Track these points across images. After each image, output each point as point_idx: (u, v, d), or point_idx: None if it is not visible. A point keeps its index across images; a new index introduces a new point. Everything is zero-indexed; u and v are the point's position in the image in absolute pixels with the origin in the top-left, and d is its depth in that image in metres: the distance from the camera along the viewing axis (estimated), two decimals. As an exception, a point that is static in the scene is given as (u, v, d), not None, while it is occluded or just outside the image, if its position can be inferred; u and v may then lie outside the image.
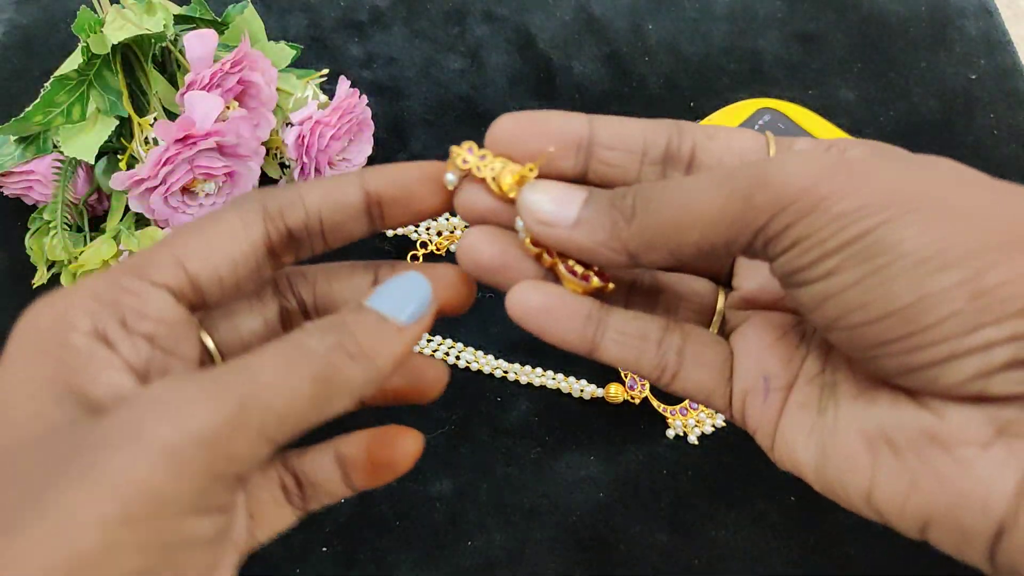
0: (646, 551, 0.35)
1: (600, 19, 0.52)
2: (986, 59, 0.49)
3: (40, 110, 0.37)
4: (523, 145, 0.21)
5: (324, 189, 0.21)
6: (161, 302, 0.18)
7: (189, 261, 0.19)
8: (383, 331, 0.19)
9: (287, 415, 0.16)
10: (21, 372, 0.17)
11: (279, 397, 0.16)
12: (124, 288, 0.18)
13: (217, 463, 0.15)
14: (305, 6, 0.52)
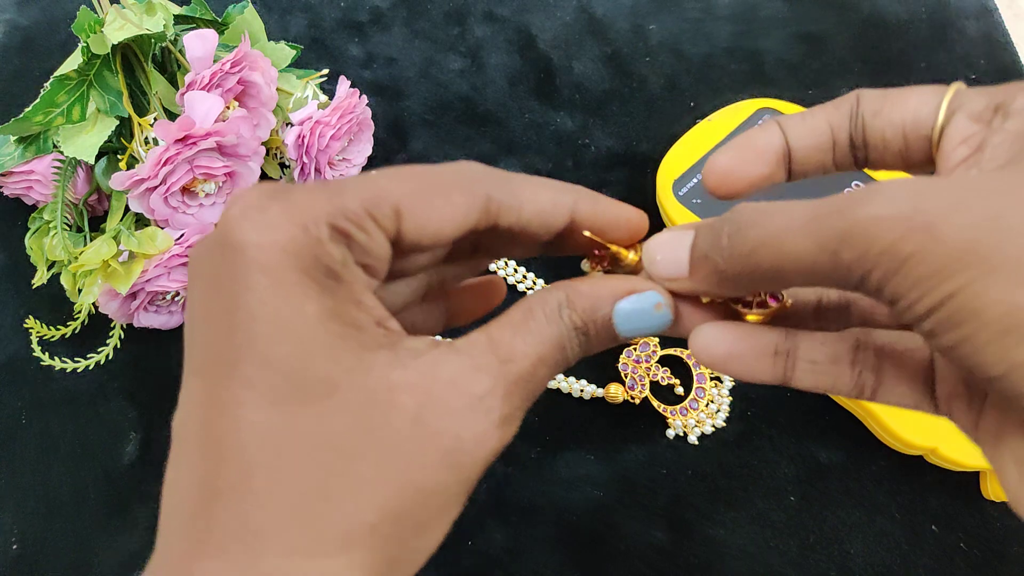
0: (645, 550, 0.35)
1: (601, 19, 0.52)
2: (986, 59, 0.49)
3: (40, 110, 0.37)
4: (742, 174, 0.22)
5: (538, 201, 0.21)
6: (383, 246, 0.19)
7: (406, 221, 0.19)
8: (605, 331, 0.21)
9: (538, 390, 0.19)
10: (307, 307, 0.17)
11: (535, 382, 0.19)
12: (354, 223, 0.18)
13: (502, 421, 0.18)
14: (305, 6, 0.52)
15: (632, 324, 0.21)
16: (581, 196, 0.22)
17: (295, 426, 0.16)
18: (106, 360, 0.39)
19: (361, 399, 0.17)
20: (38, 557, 0.35)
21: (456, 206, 0.20)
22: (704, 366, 0.22)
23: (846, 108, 0.22)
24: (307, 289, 0.17)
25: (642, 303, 0.21)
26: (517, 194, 0.21)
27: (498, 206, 0.20)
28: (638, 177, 0.45)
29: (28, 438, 0.38)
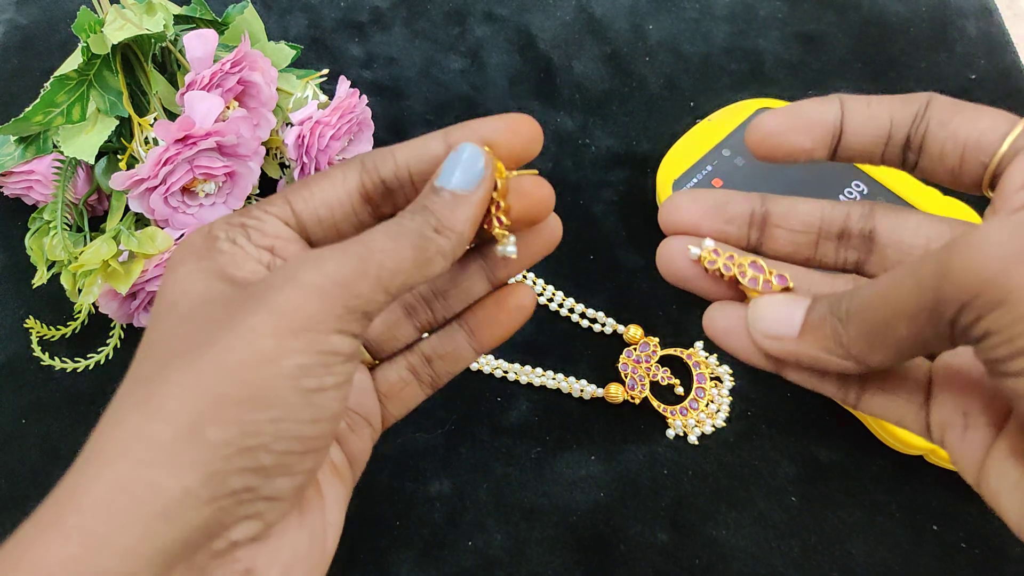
0: (646, 551, 0.35)
1: (600, 19, 0.52)
2: (986, 59, 0.49)
3: (40, 110, 0.37)
4: (787, 141, 0.23)
5: (412, 145, 0.24)
6: (275, 224, 0.23)
7: (295, 202, 0.23)
8: (455, 204, 0.23)
9: (396, 271, 0.21)
10: (184, 268, 0.22)
11: (388, 258, 0.21)
12: (249, 216, 0.23)
13: (349, 299, 0.20)
14: (305, 6, 0.52)
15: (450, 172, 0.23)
16: (452, 127, 0.25)
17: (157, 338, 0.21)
18: (106, 360, 0.39)
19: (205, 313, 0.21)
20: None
21: (333, 177, 0.24)
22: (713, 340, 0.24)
23: (913, 108, 0.22)
24: (186, 259, 0.22)
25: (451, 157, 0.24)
26: (389, 149, 0.24)
27: (373, 162, 0.24)
28: (638, 177, 0.45)
29: (28, 438, 0.38)
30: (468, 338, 0.27)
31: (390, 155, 0.24)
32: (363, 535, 0.34)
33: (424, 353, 0.27)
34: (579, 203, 0.44)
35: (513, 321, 0.27)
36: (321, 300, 0.20)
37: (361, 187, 0.24)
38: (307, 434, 0.20)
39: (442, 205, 0.22)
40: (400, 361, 0.27)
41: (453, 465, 0.37)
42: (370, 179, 0.24)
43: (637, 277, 0.42)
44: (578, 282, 0.42)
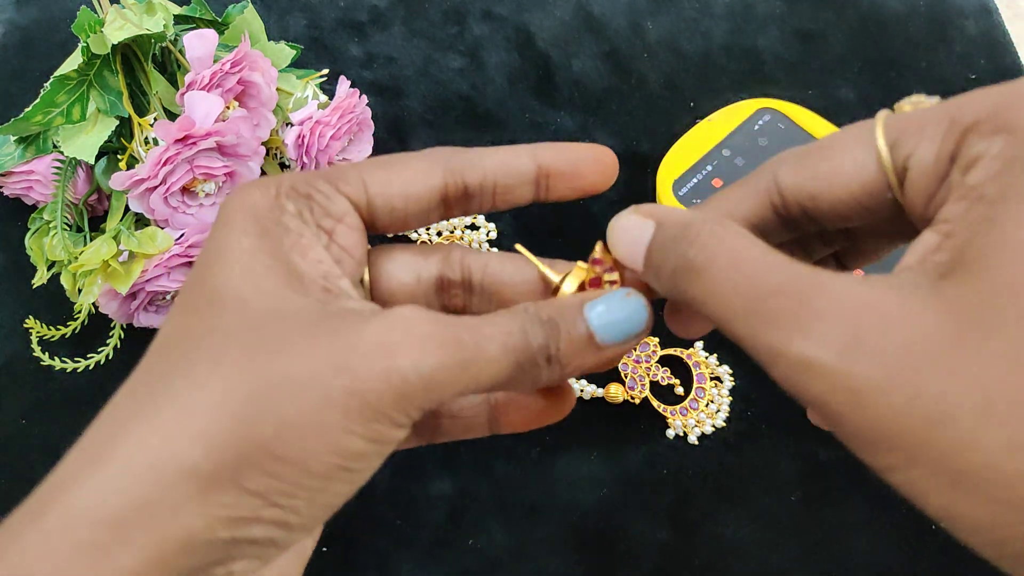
0: (647, 549, 0.35)
1: (599, 18, 0.52)
2: (986, 59, 0.50)
3: (40, 110, 0.37)
4: None
5: (502, 156, 0.23)
6: (343, 205, 0.21)
7: (372, 185, 0.21)
8: (586, 350, 0.21)
9: (489, 376, 0.19)
10: (248, 242, 0.20)
11: (488, 369, 0.19)
12: (316, 188, 0.21)
13: (431, 395, 0.18)
14: (305, 6, 0.52)
15: (606, 320, 0.21)
16: (541, 145, 0.23)
17: (176, 327, 0.19)
18: (106, 360, 0.39)
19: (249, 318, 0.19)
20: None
21: (416, 169, 0.22)
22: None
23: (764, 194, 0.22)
24: (248, 229, 0.20)
25: (611, 298, 0.21)
26: (477, 153, 0.23)
27: (460, 164, 0.22)
28: (638, 177, 0.45)
29: (28, 438, 0.38)
30: (489, 414, 0.25)
31: (478, 162, 0.23)
32: (364, 535, 0.34)
33: (438, 409, 0.25)
34: (579, 203, 0.44)
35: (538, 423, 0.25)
36: (404, 393, 0.18)
37: (442, 185, 0.22)
38: (334, 504, 0.19)
39: (574, 342, 0.20)
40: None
41: (454, 464, 0.37)
42: (453, 181, 0.22)
43: (637, 277, 0.42)
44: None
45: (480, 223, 0.43)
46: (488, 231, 0.43)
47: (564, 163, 0.24)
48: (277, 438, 0.17)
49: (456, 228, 0.43)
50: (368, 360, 0.18)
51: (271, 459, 0.17)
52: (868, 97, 0.48)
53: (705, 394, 0.38)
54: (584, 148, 0.24)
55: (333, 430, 0.18)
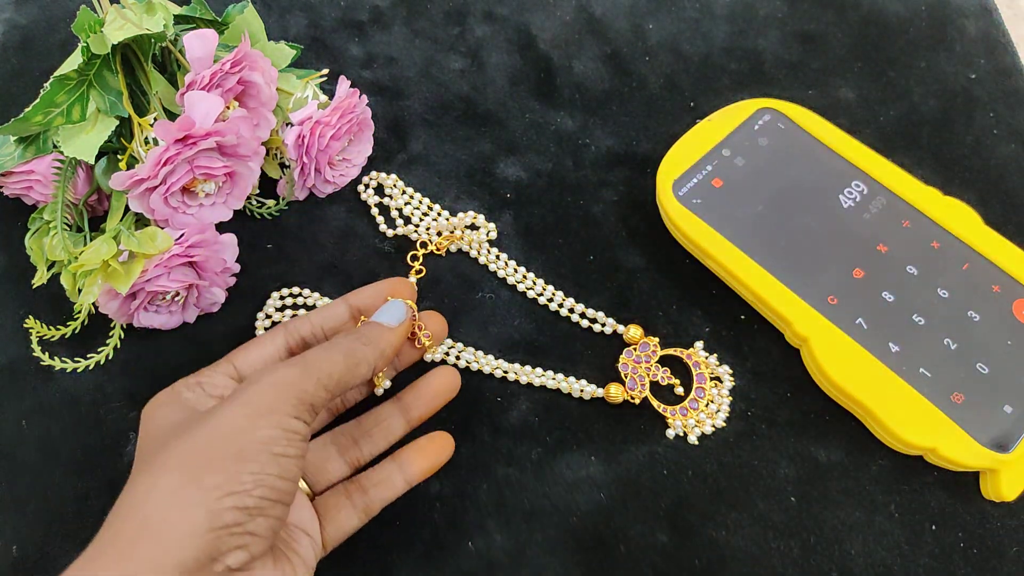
0: (646, 551, 0.35)
1: (600, 19, 0.52)
2: (986, 59, 0.50)
3: (40, 110, 0.37)
4: None
5: (323, 311, 0.34)
6: (223, 379, 0.31)
7: (236, 361, 0.32)
8: (382, 330, 0.32)
9: (331, 372, 0.29)
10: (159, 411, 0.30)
11: (324, 363, 0.29)
12: (201, 376, 0.31)
13: (298, 393, 0.28)
14: (305, 6, 0.52)
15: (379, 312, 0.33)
16: (352, 293, 0.35)
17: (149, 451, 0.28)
18: (106, 360, 0.39)
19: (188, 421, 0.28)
20: (37, 561, 0.35)
21: (264, 340, 0.33)
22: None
23: None
24: (160, 407, 0.30)
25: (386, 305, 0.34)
26: (306, 315, 0.34)
27: (294, 324, 0.34)
28: (638, 177, 0.45)
29: (28, 439, 0.38)
30: (399, 469, 0.34)
31: (307, 319, 0.34)
32: (363, 536, 0.34)
33: (361, 483, 0.33)
34: (579, 203, 0.44)
35: (440, 456, 0.35)
36: (278, 393, 0.27)
37: (286, 345, 0.33)
38: (276, 486, 0.26)
39: (370, 328, 0.32)
40: (339, 490, 0.33)
41: (453, 466, 0.37)
42: (292, 338, 0.33)
43: (637, 277, 0.42)
44: (578, 282, 0.42)
45: (480, 223, 0.43)
46: (488, 231, 0.43)
47: (371, 300, 0.35)
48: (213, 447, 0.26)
49: (456, 228, 0.43)
50: (248, 389, 0.27)
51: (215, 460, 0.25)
52: (868, 97, 0.48)
53: (705, 394, 0.38)
54: (384, 285, 0.36)
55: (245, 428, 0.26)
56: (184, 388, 0.31)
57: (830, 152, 0.42)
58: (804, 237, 0.40)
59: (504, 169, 0.46)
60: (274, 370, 0.28)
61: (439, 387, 0.36)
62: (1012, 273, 0.38)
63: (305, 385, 0.28)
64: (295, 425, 0.27)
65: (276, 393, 0.27)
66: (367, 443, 0.35)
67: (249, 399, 0.27)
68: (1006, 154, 0.46)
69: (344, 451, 0.34)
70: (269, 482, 0.26)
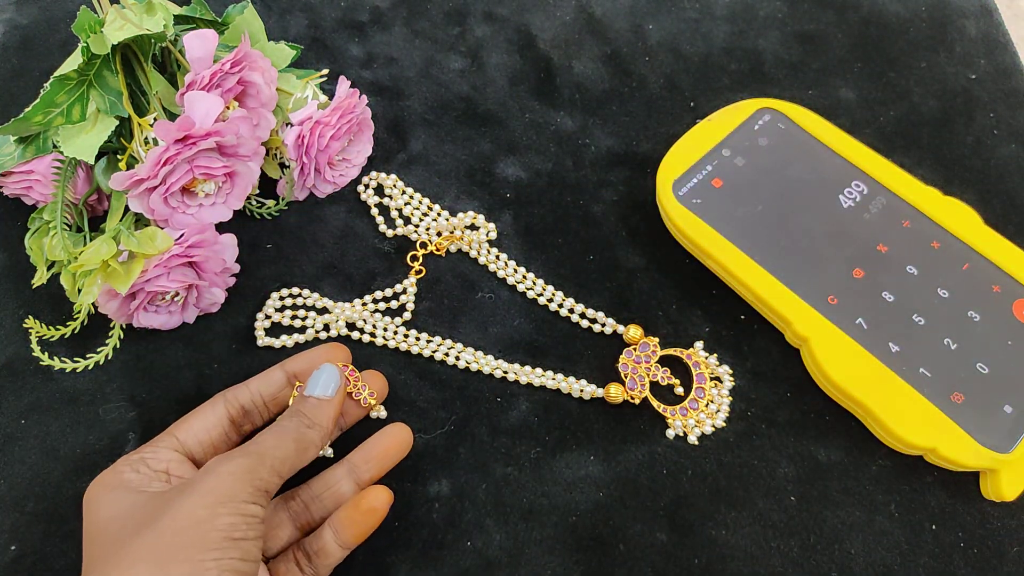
0: (646, 551, 0.35)
1: (600, 19, 0.52)
2: (986, 59, 0.49)
3: (40, 110, 0.37)
4: None
5: (261, 378, 0.35)
6: (166, 452, 0.32)
7: (178, 434, 0.33)
8: (319, 406, 0.33)
9: (284, 459, 0.30)
10: (105, 497, 0.30)
11: (278, 451, 0.30)
12: (143, 451, 0.32)
13: (254, 480, 0.29)
14: (305, 6, 0.52)
15: (312, 382, 0.34)
16: (288, 360, 0.36)
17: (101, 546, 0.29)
18: (105, 360, 0.39)
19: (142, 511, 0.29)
20: (36, 560, 0.35)
21: (204, 410, 0.34)
22: None
23: None
24: (104, 490, 0.30)
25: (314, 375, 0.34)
26: (244, 383, 0.35)
27: (233, 394, 0.35)
28: (638, 177, 0.45)
29: (27, 438, 0.38)
30: (334, 536, 0.33)
31: (245, 387, 0.35)
32: (363, 535, 0.34)
33: (305, 549, 0.33)
34: (579, 203, 0.44)
35: (368, 521, 0.33)
36: (235, 481, 0.28)
37: (227, 414, 0.34)
38: (239, 568, 0.27)
39: (310, 408, 0.33)
40: (289, 555, 0.33)
41: (452, 465, 0.37)
42: (232, 407, 0.34)
43: (637, 277, 0.42)
44: (578, 282, 0.42)
45: (480, 223, 0.43)
46: (488, 231, 0.43)
47: (307, 366, 0.35)
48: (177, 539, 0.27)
49: (456, 228, 0.43)
50: (206, 480, 0.28)
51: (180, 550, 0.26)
52: (868, 97, 0.48)
53: (705, 394, 0.38)
54: (319, 352, 0.36)
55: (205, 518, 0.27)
56: (127, 467, 0.31)
57: (830, 152, 0.42)
58: (804, 237, 0.40)
59: (504, 169, 0.46)
60: (229, 458, 0.29)
61: (390, 447, 0.35)
62: (1012, 273, 0.38)
63: (260, 473, 0.29)
64: (252, 510, 0.28)
65: (233, 481, 0.28)
66: (317, 507, 0.34)
67: (208, 488, 0.28)
68: (1006, 154, 0.46)
69: (296, 517, 0.34)
70: (232, 566, 0.27)
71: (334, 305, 0.41)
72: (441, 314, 0.41)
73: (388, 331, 0.40)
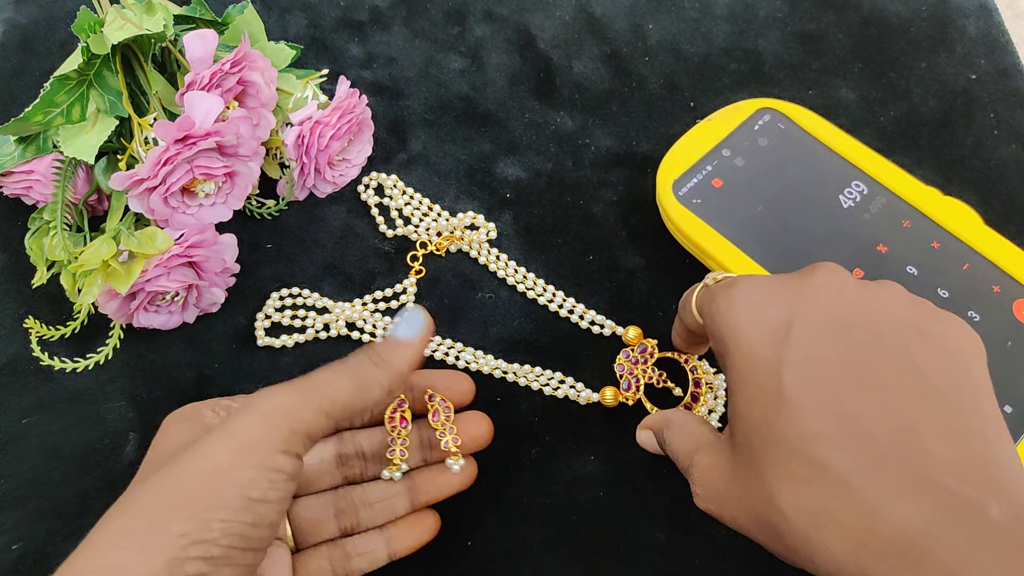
0: (646, 550, 0.35)
1: (600, 19, 0.52)
2: (986, 59, 0.49)
3: (40, 110, 0.37)
4: None
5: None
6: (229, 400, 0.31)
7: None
8: (396, 346, 0.29)
9: (335, 398, 0.26)
10: (174, 427, 0.29)
11: (329, 387, 0.27)
12: (235, 400, 0.32)
13: (293, 423, 0.25)
14: (305, 6, 0.52)
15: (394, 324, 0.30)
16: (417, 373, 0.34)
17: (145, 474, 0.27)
18: (106, 360, 0.39)
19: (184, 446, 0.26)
20: (38, 558, 0.35)
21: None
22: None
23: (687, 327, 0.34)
24: (178, 421, 0.30)
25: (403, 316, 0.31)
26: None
27: None
28: (638, 177, 0.45)
29: (28, 438, 0.38)
30: (387, 545, 0.32)
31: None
32: (363, 535, 0.34)
33: (345, 549, 0.32)
34: (579, 203, 0.44)
35: (422, 542, 0.33)
36: (268, 424, 0.25)
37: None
38: (247, 534, 0.24)
39: (384, 345, 0.29)
40: (322, 551, 0.32)
41: (453, 465, 0.37)
42: None
43: (637, 278, 0.42)
44: (578, 282, 0.42)
45: (480, 223, 0.43)
46: (488, 231, 0.43)
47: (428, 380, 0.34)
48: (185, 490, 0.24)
49: (456, 228, 0.43)
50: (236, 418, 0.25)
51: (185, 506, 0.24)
52: (868, 97, 0.48)
53: (701, 397, 0.38)
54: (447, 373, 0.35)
55: (223, 468, 0.24)
56: (208, 407, 0.29)
57: (830, 152, 0.42)
58: (804, 237, 0.40)
59: (504, 169, 0.46)
60: (268, 395, 0.26)
61: (455, 481, 0.34)
62: (1012, 273, 0.38)
63: (303, 414, 0.25)
64: (280, 463, 0.25)
65: (266, 425, 0.25)
66: (366, 514, 0.33)
67: (234, 431, 0.25)
68: (1006, 154, 0.46)
69: (341, 515, 0.32)
70: (239, 530, 0.24)
71: (334, 305, 0.41)
72: (441, 314, 0.41)
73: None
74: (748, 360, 0.26)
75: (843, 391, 0.24)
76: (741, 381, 0.26)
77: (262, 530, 0.24)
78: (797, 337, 0.25)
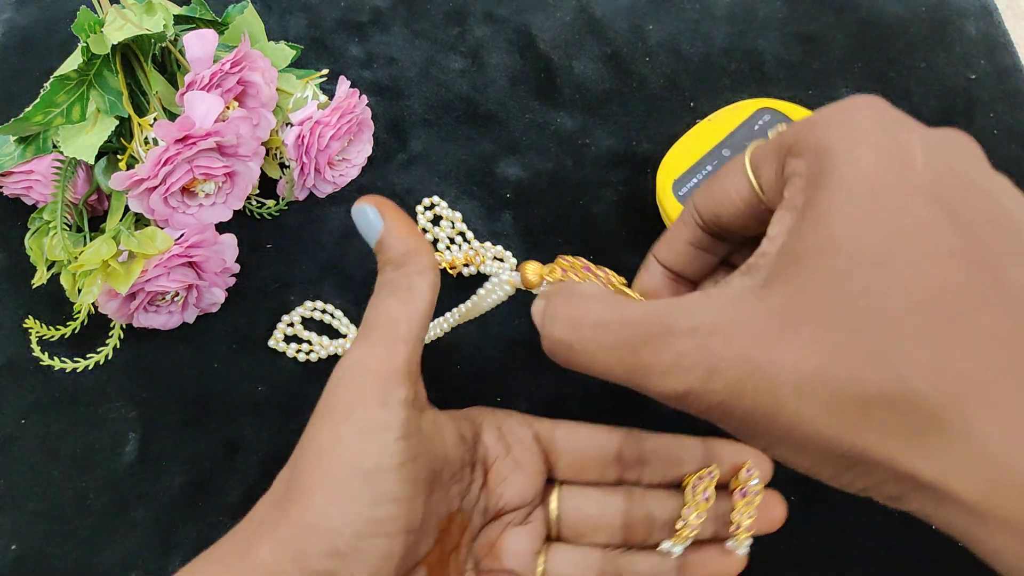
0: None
1: (600, 19, 0.52)
2: (986, 59, 0.49)
3: (40, 110, 0.37)
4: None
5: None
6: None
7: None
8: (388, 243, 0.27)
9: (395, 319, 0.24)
10: None
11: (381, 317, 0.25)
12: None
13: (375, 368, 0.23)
14: (305, 6, 0.52)
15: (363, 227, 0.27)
16: None
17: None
18: (106, 360, 0.39)
19: None
20: (37, 558, 0.35)
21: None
22: None
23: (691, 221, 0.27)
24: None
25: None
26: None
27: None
28: (638, 177, 0.45)
29: (27, 438, 0.38)
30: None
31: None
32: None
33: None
34: (579, 203, 0.44)
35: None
36: (352, 382, 0.23)
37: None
38: (371, 516, 0.21)
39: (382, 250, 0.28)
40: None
41: (453, 465, 0.37)
42: None
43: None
44: (578, 282, 0.42)
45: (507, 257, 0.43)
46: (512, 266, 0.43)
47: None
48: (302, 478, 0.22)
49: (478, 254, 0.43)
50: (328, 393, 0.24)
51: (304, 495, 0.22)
52: (868, 98, 0.48)
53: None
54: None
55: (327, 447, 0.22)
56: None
57: (830, 152, 0.42)
58: (804, 237, 0.40)
59: (504, 169, 0.46)
60: (340, 363, 0.23)
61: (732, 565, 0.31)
62: (1012, 273, 0.38)
63: (377, 353, 0.23)
64: (382, 418, 0.22)
65: (349, 386, 0.23)
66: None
67: (328, 402, 0.23)
68: (1006, 155, 0.46)
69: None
70: (359, 511, 0.21)
71: (348, 325, 0.41)
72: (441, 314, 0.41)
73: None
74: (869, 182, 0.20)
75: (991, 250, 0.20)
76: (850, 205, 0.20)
77: (385, 508, 0.21)
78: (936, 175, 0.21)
